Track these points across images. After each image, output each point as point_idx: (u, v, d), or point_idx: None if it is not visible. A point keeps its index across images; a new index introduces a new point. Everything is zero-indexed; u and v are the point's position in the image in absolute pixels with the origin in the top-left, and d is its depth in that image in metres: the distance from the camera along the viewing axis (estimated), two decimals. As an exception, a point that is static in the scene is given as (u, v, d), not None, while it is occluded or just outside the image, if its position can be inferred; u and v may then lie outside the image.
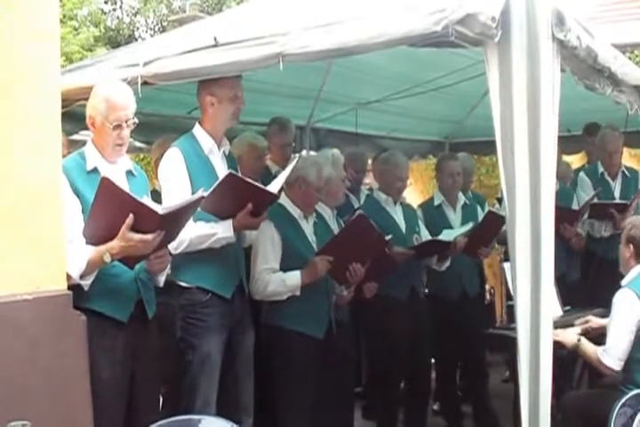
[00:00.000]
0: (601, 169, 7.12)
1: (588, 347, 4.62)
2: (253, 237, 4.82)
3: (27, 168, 3.34)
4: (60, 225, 3.50)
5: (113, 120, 3.89)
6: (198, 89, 4.48)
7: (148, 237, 3.67)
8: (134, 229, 3.62)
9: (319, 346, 4.87)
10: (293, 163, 4.56)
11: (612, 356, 4.44)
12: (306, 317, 4.84)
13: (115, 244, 3.65)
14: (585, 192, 6.99)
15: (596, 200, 6.76)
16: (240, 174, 4.36)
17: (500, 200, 6.74)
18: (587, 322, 5.08)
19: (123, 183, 3.93)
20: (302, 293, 4.79)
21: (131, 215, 3.59)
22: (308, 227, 5.05)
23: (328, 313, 5.00)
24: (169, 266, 4.12)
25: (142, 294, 3.99)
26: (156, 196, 4.36)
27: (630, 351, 4.43)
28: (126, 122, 3.93)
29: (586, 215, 6.84)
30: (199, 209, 4.05)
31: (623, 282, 4.67)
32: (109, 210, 3.65)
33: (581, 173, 7.29)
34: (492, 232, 5.98)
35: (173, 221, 3.82)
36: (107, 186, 3.59)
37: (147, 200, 3.80)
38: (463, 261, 6.31)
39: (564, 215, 6.17)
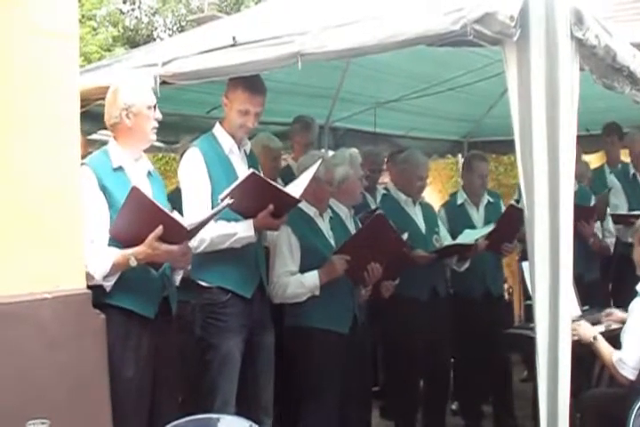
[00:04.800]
0: (632, 170, 7.12)
1: (603, 347, 4.56)
2: (274, 236, 4.82)
3: (46, 168, 3.36)
4: (80, 224, 3.52)
5: None
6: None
7: (174, 248, 3.74)
8: (161, 238, 3.67)
9: (345, 342, 4.88)
10: (316, 165, 4.53)
11: (627, 366, 4.40)
12: (331, 313, 4.85)
13: (141, 250, 3.70)
14: (615, 196, 6.97)
15: (623, 211, 6.81)
16: (262, 175, 4.35)
17: (517, 202, 6.73)
18: (610, 315, 5.06)
19: (145, 183, 3.99)
20: (326, 290, 4.80)
21: (160, 227, 3.64)
22: (324, 224, 5.06)
23: (353, 309, 5.01)
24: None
25: (167, 289, 4.02)
26: (179, 194, 4.44)
27: None
28: None
29: (610, 220, 6.86)
30: None
31: (638, 287, 4.65)
32: (138, 218, 3.71)
33: (611, 176, 7.28)
34: (514, 227, 5.94)
35: (198, 229, 3.88)
36: (136, 196, 3.64)
37: (175, 213, 3.85)
38: (487, 261, 6.33)
39: (581, 213, 6.16)
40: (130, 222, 3.73)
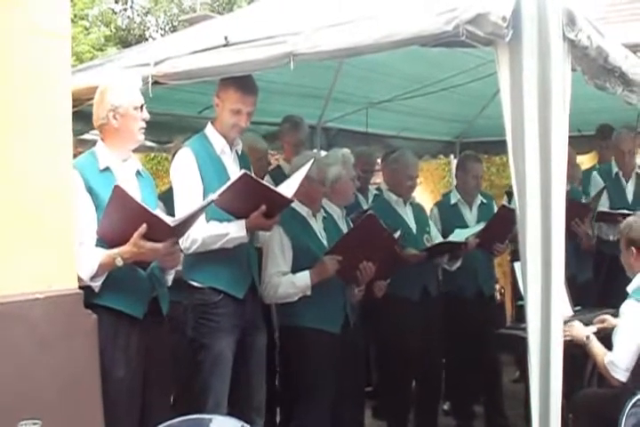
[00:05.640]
0: (615, 169, 7.13)
1: (596, 347, 4.56)
2: (267, 237, 4.82)
3: (39, 168, 3.36)
4: (72, 224, 3.52)
5: None
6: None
7: (159, 246, 3.72)
8: (146, 236, 3.66)
9: (337, 342, 4.87)
10: (307, 165, 4.53)
11: (618, 368, 4.40)
12: (323, 313, 4.84)
13: (127, 249, 3.69)
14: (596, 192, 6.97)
15: (605, 209, 6.82)
16: (254, 175, 4.35)
17: (509, 194, 6.73)
18: (603, 321, 5.05)
19: (133, 183, 3.98)
20: (317, 289, 4.79)
21: (144, 225, 3.62)
22: (317, 224, 5.06)
23: (344, 308, 5.00)
24: (180, 265, 4.14)
25: (157, 290, 4.01)
26: (172, 194, 4.43)
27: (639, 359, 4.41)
28: None
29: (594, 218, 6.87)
30: (213, 206, 4.04)
31: (629, 289, 4.65)
32: (122, 217, 3.70)
33: (594, 173, 7.29)
34: (506, 227, 5.94)
35: (184, 226, 3.86)
36: (119, 195, 3.63)
37: (158, 211, 3.85)
38: (478, 260, 6.35)
39: (576, 210, 6.17)
40: (115, 222, 3.73)
